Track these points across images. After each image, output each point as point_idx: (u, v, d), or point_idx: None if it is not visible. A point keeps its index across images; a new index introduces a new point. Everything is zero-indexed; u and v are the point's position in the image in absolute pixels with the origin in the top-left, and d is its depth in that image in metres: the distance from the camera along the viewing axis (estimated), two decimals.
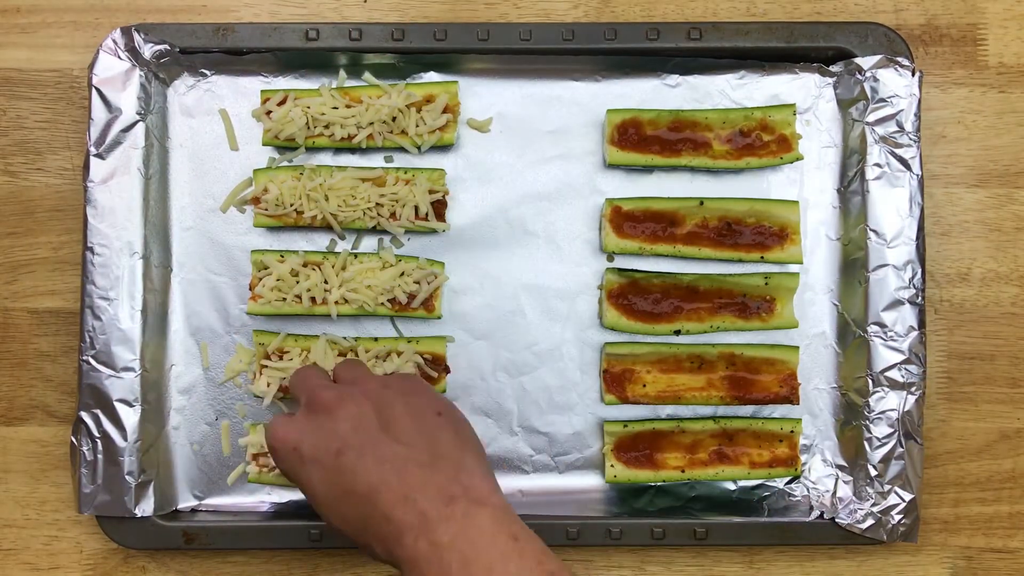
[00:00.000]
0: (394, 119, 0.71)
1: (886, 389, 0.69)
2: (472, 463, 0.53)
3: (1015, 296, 0.74)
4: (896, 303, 0.69)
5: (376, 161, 0.73)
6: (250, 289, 0.71)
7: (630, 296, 0.72)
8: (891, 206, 0.70)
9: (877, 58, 0.71)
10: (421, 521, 0.49)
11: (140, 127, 0.70)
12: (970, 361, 0.74)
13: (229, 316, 0.72)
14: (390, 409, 0.55)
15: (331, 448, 0.53)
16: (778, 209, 0.72)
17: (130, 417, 0.68)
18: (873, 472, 0.69)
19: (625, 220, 0.72)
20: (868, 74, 0.71)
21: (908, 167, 0.70)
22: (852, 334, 0.71)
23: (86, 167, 0.69)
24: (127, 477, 0.68)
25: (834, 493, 0.71)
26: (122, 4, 0.74)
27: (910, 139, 0.70)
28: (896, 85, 0.70)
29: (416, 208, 0.71)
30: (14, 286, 0.73)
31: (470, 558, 0.48)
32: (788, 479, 0.72)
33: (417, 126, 0.71)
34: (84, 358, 0.68)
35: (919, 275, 0.70)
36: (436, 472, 0.51)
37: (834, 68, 0.73)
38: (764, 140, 0.72)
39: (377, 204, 0.71)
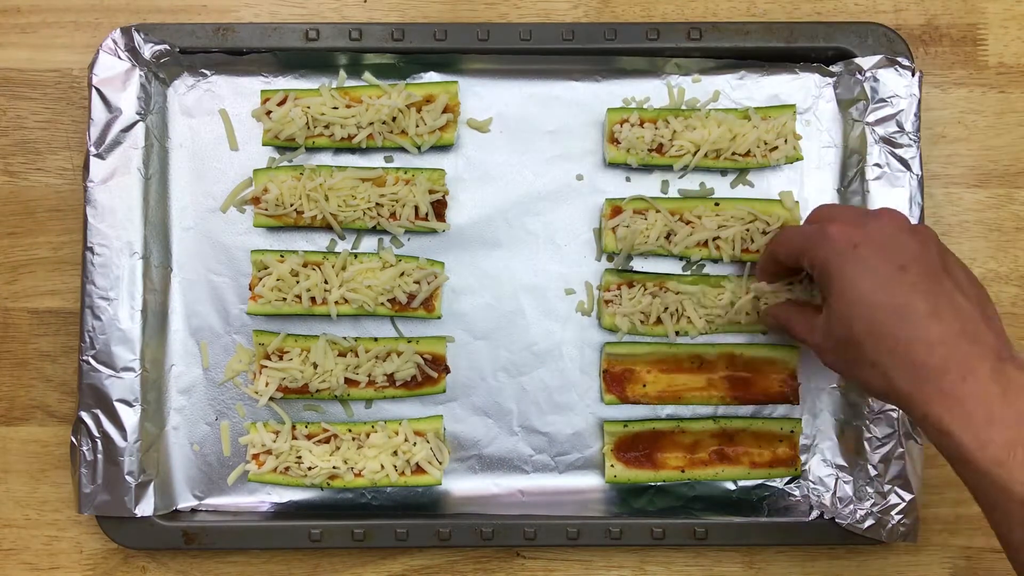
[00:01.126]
0: (394, 119, 0.71)
1: None
2: (1007, 337, 0.54)
3: (1015, 296, 0.74)
4: None
5: (376, 161, 0.73)
6: (250, 289, 0.71)
7: None
8: (891, 206, 0.70)
9: (877, 58, 0.71)
10: (971, 365, 0.50)
11: (140, 127, 0.70)
12: None
13: (229, 316, 0.72)
14: (948, 255, 0.55)
15: (895, 261, 0.53)
16: (779, 209, 0.72)
17: (130, 417, 0.68)
18: (873, 472, 0.69)
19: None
20: (868, 74, 0.71)
21: (908, 167, 0.70)
22: None
23: (86, 167, 0.69)
24: (127, 477, 0.68)
25: (834, 493, 0.71)
26: (122, 4, 0.74)
27: (910, 139, 0.70)
28: (896, 85, 0.70)
29: (416, 208, 0.71)
30: (14, 286, 0.73)
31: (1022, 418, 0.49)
32: (788, 479, 0.72)
33: (417, 126, 0.71)
34: (84, 358, 0.68)
35: None
36: (987, 329, 0.52)
37: (834, 68, 0.73)
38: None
39: (377, 204, 0.71)
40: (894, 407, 0.69)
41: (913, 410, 0.52)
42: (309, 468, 0.69)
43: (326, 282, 0.70)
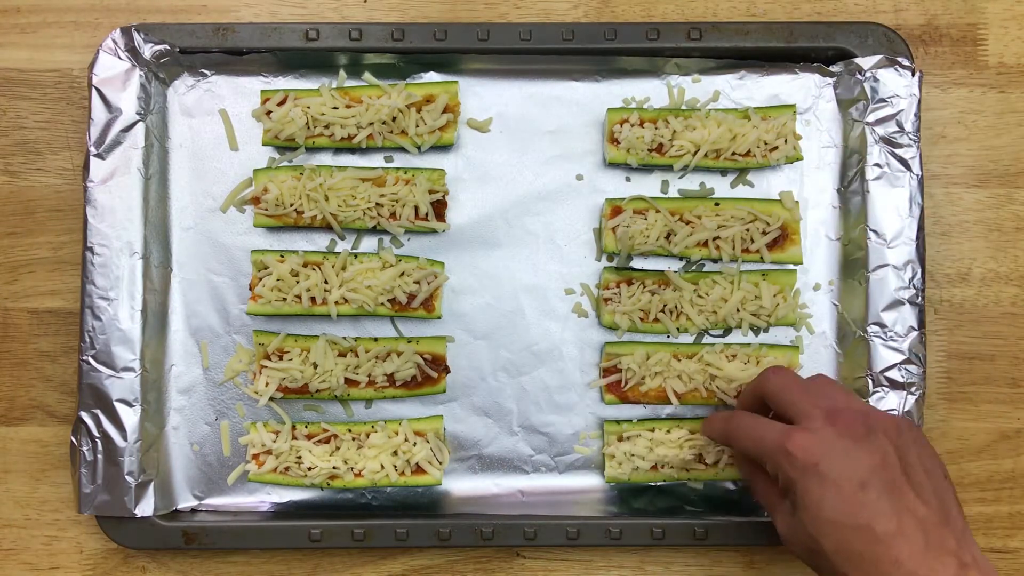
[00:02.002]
0: (394, 119, 0.71)
1: (886, 389, 0.69)
2: (970, 533, 0.55)
3: (1015, 296, 0.74)
4: (896, 303, 0.69)
5: (376, 161, 0.73)
6: (250, 289, 0.71)
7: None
8: (891, 206, 0.70)
9: (877, 58, 0.71)
10: None
11: (140, 127, 0.70)
12: (970, 361, 0.74)
13: (229, 316, 0.72)
14: (908, 455, 0.56)
15: (855, 477, 0.54)
16: (779, 209, 0.72)
17: (130, 417, 0.68)
18: None
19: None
20: (868, 74, 0.71)
21: (908, 167, 0.70)
22: (852, 334, 0.71)
23: (86, 167, 0.69)
24: (127, 477, 0.68)
25: None
26: (122, 4, 0.74)
27: (910, 139, 0.70)
28: (896, 85, 0.70)
29: (416, 208, 0.71)
30: (14, 286, 0.73)
31: None
32: None
33: (417, 126, 0.71)
34: (84, 358, 0.68)
35: (919, 275, 0.70)
36: (950, 534, 0.53)
37: (834, 68, 0.73)
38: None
39: (377, 204, 0.71)
40: (895, 408, 0.69)
41: None
42: (309, 468, 0.69)
43: (326, 282, 0.70)
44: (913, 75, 0.70)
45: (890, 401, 0.69)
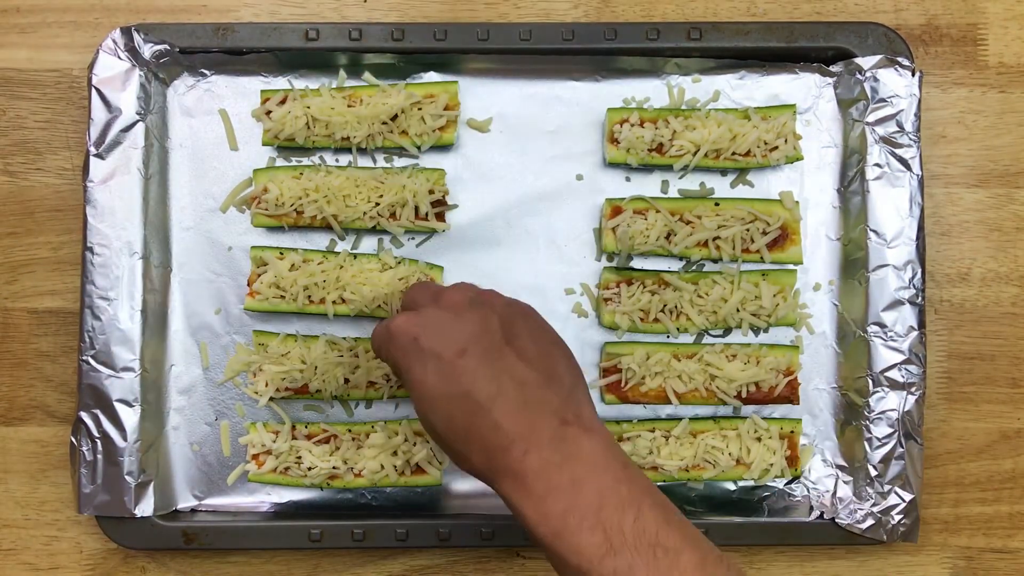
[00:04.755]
0: (394, 119, 0.71)
1: (886, 389, 0.69)
2: (581, 394, 0.54)
3: (1015, 296, 0.74)
4: (896, 303, 0.69)
5: (376, 161, 0.73)
6: (248, 285, 0.71)
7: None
8: (891, 206, 0.70)
9: (877, 58, 0.71)
10: (534, 436, 0.49)
11: (140, 127, 0.70)
12: (970, 361, 0.74)
13: (229, 316, 0.72)
14: (513, 325, 0.55)
15: (454, 346, 0.52)
16: (779, 209, 0.72)
17: (130, 417, 0.68)
18: (873, 472, 0.69)
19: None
20: (868, 74, 0.71)
21: (908, 167, 0.70)
22: (852, 334, 0.71)
23: (86, 167, 0.69)
24: (127, 477, 0.68)
25: (834, 493, 0.71)
26: (122, 4, 0.74)
27: (910, 139, 0.70)
28: (896, 85, 0.70)
29: (416, 208, 0.71)
30: (14, 286, 0.73)
31: (581, 479, 0.48)
32: (788, 479, 0.72)
33: (418, 125, 0.71)
34: (84, 358, 0.68)
35: (919, 275, 0.70)
36: (552, 394, 0.52)
37: (834, 68, 0.73)
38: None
39: (377, 204, 0.71)
40: (894, 408, 0.69)
41: (495, 490, 0.51)
42: (309, 468, 0.69)
43: (324, 281, 0.70)
44: (913, 75, 0.70)
45: (890, 401, 0.69)
